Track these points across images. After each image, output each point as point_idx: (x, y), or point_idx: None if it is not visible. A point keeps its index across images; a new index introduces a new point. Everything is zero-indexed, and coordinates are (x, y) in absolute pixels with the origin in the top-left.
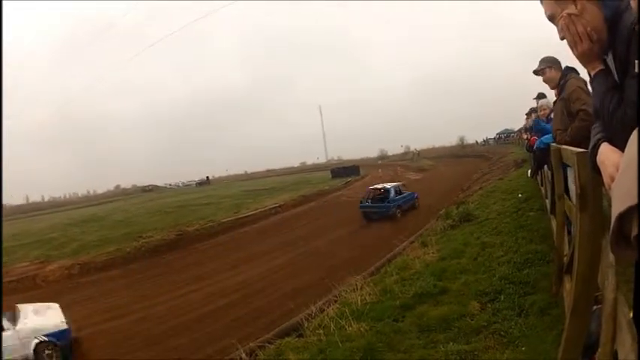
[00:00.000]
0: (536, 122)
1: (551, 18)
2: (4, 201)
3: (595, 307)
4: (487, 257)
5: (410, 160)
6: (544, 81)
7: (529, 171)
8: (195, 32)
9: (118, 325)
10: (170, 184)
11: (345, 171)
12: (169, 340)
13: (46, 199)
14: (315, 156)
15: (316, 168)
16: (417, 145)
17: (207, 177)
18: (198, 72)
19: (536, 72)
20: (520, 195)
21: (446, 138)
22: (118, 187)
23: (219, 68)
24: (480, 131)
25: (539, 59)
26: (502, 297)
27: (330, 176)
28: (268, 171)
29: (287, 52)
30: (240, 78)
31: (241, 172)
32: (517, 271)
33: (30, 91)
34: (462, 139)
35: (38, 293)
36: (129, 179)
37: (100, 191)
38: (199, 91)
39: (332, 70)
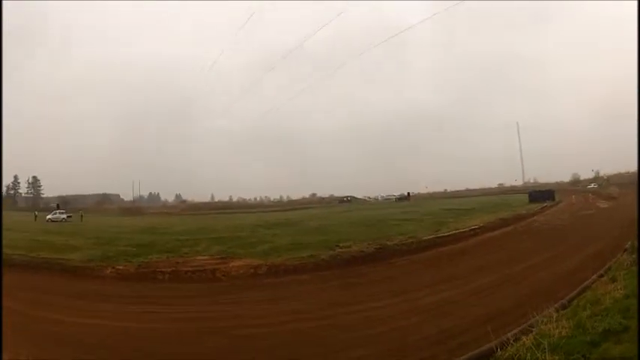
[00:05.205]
0: None
1: None
2: (188, 197)
3: None
4: None
5: (599, 187)
6: None
7: None
8: (388, 50)
9: (300, 327)
10: (369, 197)
11: (542, 195)
12: (353, 350)
13: (235, 200)
14: (513, 178)
15: (513, 190)
16: (606, 170)
17: (408, 193)
18: (395, 89)
19: None
20: None
21: (633, 163)
22: (314, 195)
23: (414, 86)
24: None
25: None
26: None
27: (528, 199)
28: (467, 190)
29: (480, 73)
30: (436, 96)
31: (441, 189)
32: None
33: (230, 101)
34: None
35: (216, 285)
36: (326, 189)
37: (294, 198)
38: (398, 108)
39: (524, 91)
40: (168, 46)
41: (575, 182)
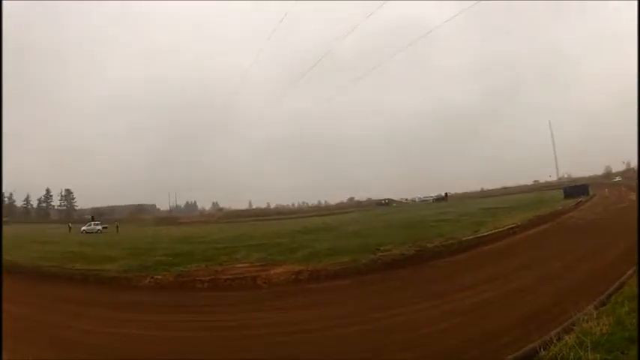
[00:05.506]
0: None
1: None
2: (226, 204)
3: None
4: None
5: (630, 179)
6: None
7: None
8: (416, 52)
9: (344, 333)
10: (406, 199)
11: (577, 190)
12: (397, 354)
13: (272, 206)
14: (547, 174)
15: (548, 186)
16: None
17: (446, 193)
18: (424, 91)
19: None
20: None
21: None
22: (351, 199)
23: (442, 87)
24: None
25: None
26: None
27: (563, 195)
28: (504, 189)
29: (508, 71)
30: (466, 96)
31: (478, 189)
32: None
33: (264, 109)
34: None
35: (257, 293)
36: (363, 193)
37: (332, 203)
38: (429, 109)
39: (554, 86)
40: (201, 58)
41: (608, 175)
